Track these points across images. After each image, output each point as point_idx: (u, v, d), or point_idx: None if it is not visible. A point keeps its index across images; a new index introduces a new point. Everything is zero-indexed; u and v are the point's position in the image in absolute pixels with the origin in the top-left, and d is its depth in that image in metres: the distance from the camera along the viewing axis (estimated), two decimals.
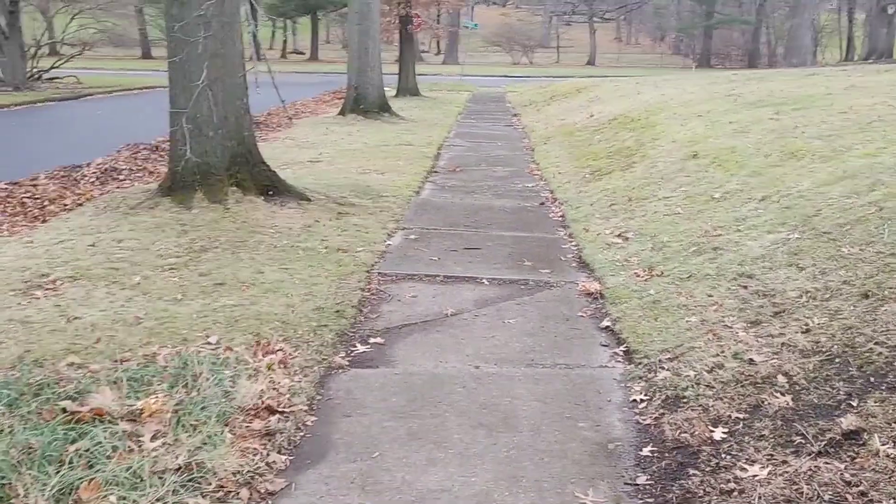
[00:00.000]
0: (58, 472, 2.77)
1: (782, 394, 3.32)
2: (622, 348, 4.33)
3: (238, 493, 2.88)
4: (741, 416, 3.27)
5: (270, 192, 7.48)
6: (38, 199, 7.86)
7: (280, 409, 3.51)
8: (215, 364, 3.82)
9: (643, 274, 5.36)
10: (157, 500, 2.73)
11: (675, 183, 7.54)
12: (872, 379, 3.21)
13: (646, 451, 3.22)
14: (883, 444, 2.77)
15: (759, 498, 2.71)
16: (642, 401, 3.68)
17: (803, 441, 2.97)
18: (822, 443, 2.91)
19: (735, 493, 2.79)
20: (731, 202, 6.35)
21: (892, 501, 2.54)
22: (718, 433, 3.19)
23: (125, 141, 11.85)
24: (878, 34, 41.35)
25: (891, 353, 3.34)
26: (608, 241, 6.36)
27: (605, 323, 4.73)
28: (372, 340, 4.51)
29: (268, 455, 3.16)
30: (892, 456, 2.71)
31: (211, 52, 7.01)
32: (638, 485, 3.02)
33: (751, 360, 3.70)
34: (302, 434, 3.40)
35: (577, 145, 11.99)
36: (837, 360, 3.47)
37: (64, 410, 3.22)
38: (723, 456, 3.04)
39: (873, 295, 3.91)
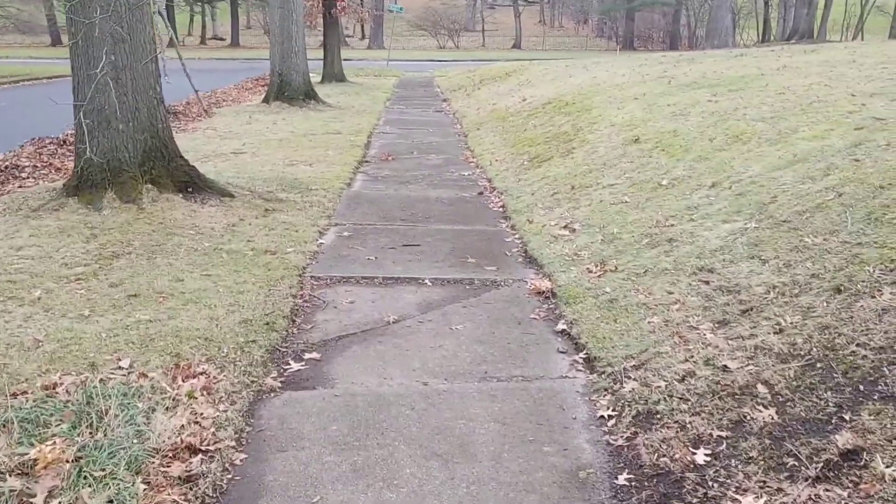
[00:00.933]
0: None
1: (765, 406, 3.02)
2: (582, 355, 3.99)
3: None
4: (723, 434, 2.96)
5: (189, 189, 6.91)
6: None
7: (203, 448, 3.04)
8: (126, 395, 3.32)
9: (595, 269, 5.04)
10: None
11: (619, 169, 7.26)
12: (861, 387, 2.93)
13: (622, 480, 2.88)
14: (887, 466, 2.49)
15: None
16: (610, 417, 3.34)
17: (797, 464, 2.67)
18: (819, 465, 2.62)
19: None
20: (680, 189, 6.09)
21: None
22: (701, 456, 2.86)
23: (31, 135, 10.99)
24: (799, 14, 42.49)
25: (876, 357, 3.07)
26: (554, 234, 6.03)
27: (561, 326, 4.38)
28: (307, 356, 4.06)
29: None
30: None
31: (116, 38, 6.39)
32: None
33: (725, 366, 3.40)
34: (230, 477, 2.94)
35: (511, 131, 11.65)
36: (819, 365, 3.19)
37: None
38: (710, 484, 2.71)
39: (846, 289, 3.66)
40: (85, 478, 2.70)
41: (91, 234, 5.84)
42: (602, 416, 3.35)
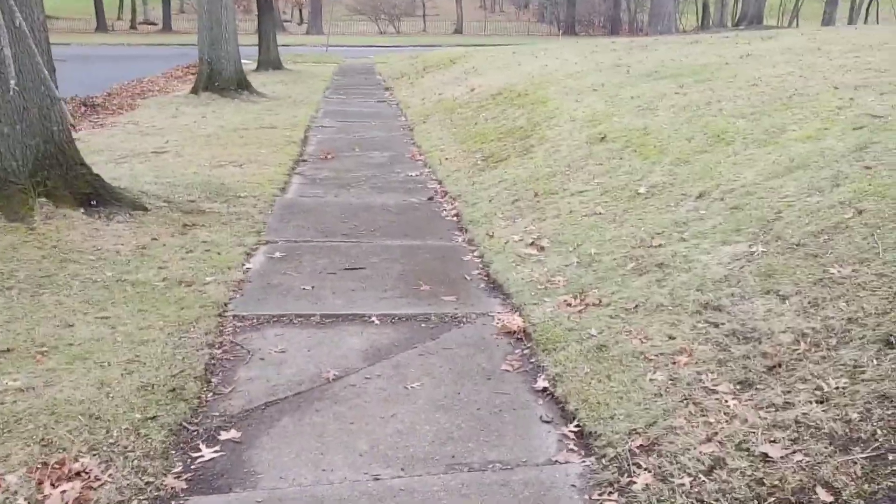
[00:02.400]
0: None
1: None
2: (572, 426, 3.19)
3: None
4: None
5: (93, 203, 5.89)
6: None
7: None
8: None
9: (575, 302, 4.24)
10: None
11: (587, 173, 6.48)
12: None
13: None
14: None
15: None
16: None
17: None
18: None
19: None
20: (663, 199, 5.34)
21: None
22: None
23: None
24: (749, 0, 43.26)
25: None
26: (520, 252, 5.22)
27: (541, 383, 3.57)
28: (223, 436, 3.17)
29: None
30: None
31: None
32: None
33: (764, 455, 2.63)
34: None
35: (461, 124, 10.81)
36: (892, 457, 2.45)
37: None
38: None
39: None
40: None
41: None
42: None
